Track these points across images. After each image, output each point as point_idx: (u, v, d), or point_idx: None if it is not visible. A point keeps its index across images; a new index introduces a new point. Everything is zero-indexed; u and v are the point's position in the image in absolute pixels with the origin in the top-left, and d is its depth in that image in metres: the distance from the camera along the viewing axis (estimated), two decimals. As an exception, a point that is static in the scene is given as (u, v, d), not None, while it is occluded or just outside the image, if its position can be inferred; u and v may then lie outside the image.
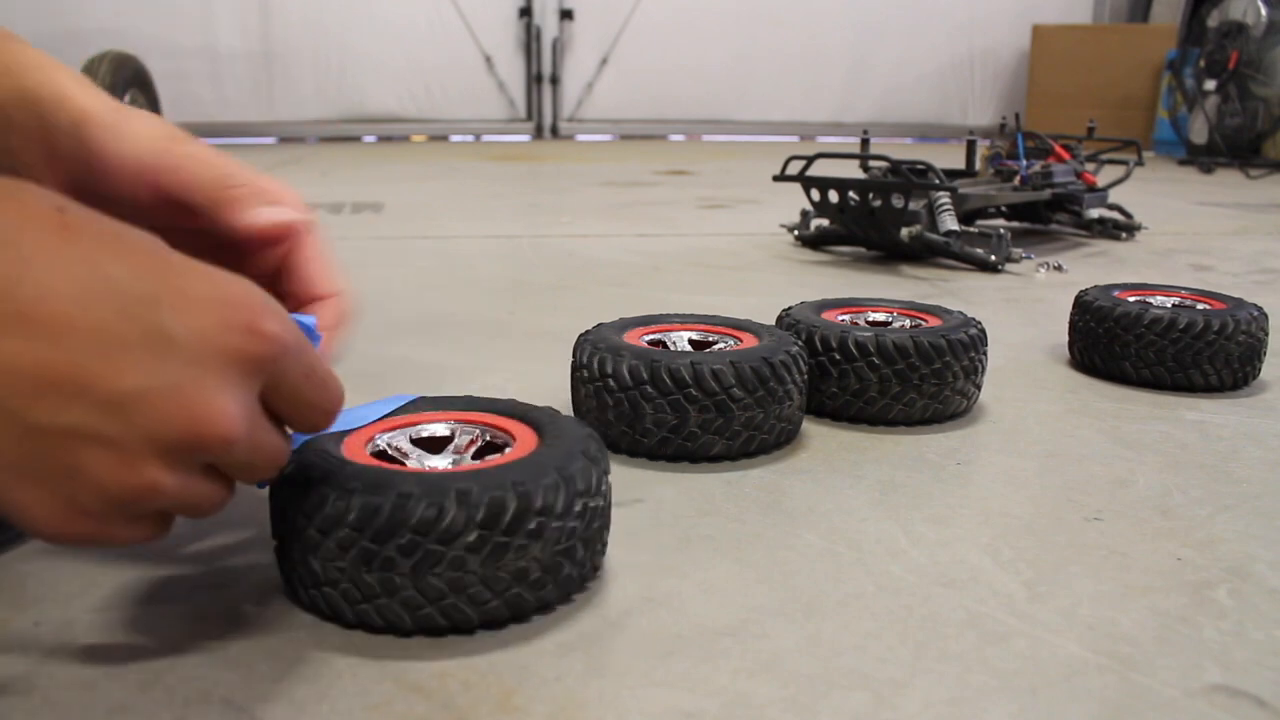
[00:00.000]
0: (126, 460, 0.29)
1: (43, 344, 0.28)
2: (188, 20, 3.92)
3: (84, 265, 0.29)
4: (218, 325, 0.31)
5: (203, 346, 0.30)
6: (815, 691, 0.35)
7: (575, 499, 0.38)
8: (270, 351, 0.32)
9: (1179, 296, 0.80)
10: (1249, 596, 0.42)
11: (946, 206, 1.25)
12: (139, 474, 0.29)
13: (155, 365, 0.29)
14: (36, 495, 0.29)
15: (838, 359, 0.63)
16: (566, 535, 0.38)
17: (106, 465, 0.29)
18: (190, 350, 0.30)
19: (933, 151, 3.02)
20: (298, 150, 3.68)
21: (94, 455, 0.29)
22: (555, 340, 0.72)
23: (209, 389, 0.30)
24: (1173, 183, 2.66)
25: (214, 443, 0.30)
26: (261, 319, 0.32)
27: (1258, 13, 3.20)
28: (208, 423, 0.30)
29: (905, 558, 0.46)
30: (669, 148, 4.05)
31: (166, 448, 0.30)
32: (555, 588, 0.39)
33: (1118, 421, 0.67)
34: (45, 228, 0.29)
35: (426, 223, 1.66)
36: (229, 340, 0.31)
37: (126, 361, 0.29)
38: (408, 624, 0.37)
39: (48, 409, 0.28)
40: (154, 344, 0.29)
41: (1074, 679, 0.36)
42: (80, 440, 0.29)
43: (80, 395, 0.28)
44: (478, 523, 0.36)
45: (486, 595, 0.37)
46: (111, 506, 0.30)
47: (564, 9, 4.30)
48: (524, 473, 0.38)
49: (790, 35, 4.43)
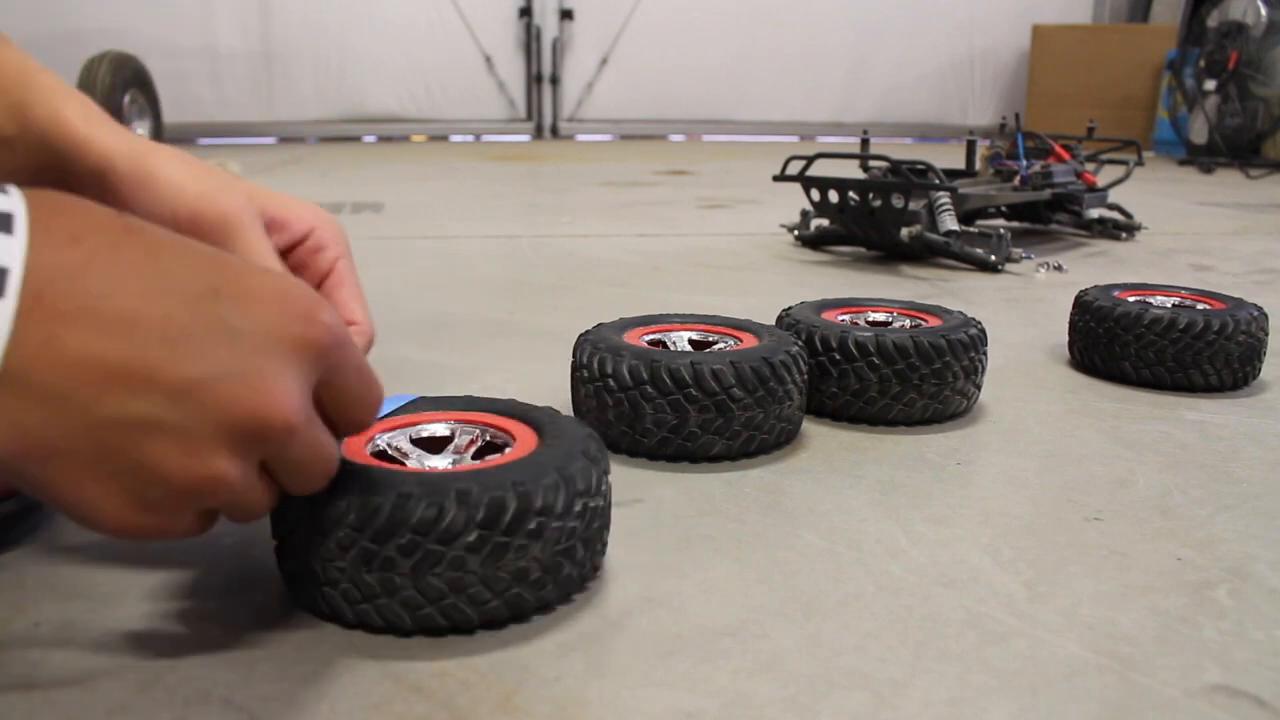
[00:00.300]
0: (193, 450, 0.30)
1: (109, 338, 0.28)
2: (188, 20, 3.92)
3: (147, 262, 0.30)
4: (278, 315, 0.32)
5: (265, 335, 0.31)
6: (815, 691, 0.35)
7: (575, 499, 0.38)
8: (328, 341, 0.33)
9: (1179, 296, 0.80)
10: (1249, 596, 0.42)
11: (946, 206, 1.25)
12: (206, 464, 0.30)
13: (219, 354, 0.30)
14: (104, 489, 0.29)
15: (838, 359, 0.63)
16: (566, 535, 0.38)
17: (174, 457, 0.29)
18: (253, 339, 0.31)
19: (933, 151, 3.02)
20: (298, 150, 3.68)
21: (162, 447, 0.29)
22: (555, 340, 0.72)
23: (271, 375, 0.31)
24: (1173, 183, 2.66)
25: (278, 427, 0.31)
26: (318, 309, 0.33)
27: (1258, 13, 3.20)
28: (272, 407, 0.30)
29: (905, 558, 0.46)
30: (669, 148, 4.05)
31: (232, 435, 0.30)
32: (555, 588, 0.39)
33: (1118, 421, 0.67)
34: (108, 229, 0.30)
35: (426, 223, 1.66)
36: (289, 329, 0.32)
37: (191, 351, 0.30)
38: (408, 624, 0.37)
39: (115, 401, 0.28)
40: (217, 334, 0.30)
41: (1074, 679, 0.36)
42: (148, 431, 0.29)
43: (147, 386, 0.29)
44: (478, 523, 0.36)
45: (486, 595, 0.37)
46: (178, 499, 0.30)
47: (564, 9, 4.30)
48: (524, 473, 0.38)
49: (790, 35, 4.43)
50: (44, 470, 0.29)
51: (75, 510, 0.30)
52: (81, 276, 0.28)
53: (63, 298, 0.28)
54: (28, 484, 0.29)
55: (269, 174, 2.60)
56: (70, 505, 0.30)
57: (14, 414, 0.27)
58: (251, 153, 3.40)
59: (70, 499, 0.29)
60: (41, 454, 0.28)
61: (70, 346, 0.28)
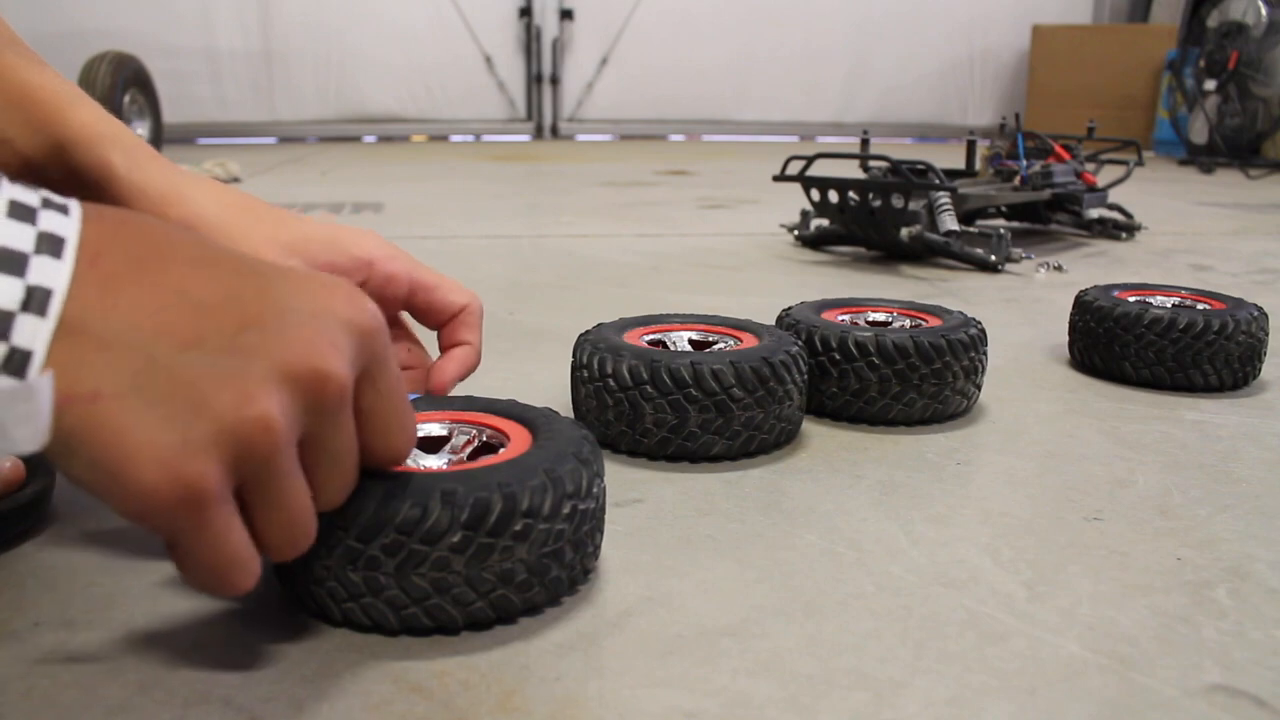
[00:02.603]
0: (247, 389, 0.29)
1: (163, 295, 0.29)
2: (188, 20, 3.92)
3: (203, 246, 0.32)
4: (325, 295, 0.32)
5: (315, 307, 0.32)
6: (815, 691, 0.35)
7: (564, 501, 0.38)
8: (373, 324, 0.33)
9: (1179, 296, 0.80)
10: (1249, 596, 0.42)
11: (946, 206, 1.25)
12: (257, 401, 0.29)
13: (272, 315, 0.31)
14: (149, 428, 0.28)
15: (838, 359, 0.63)
16: (554, 537, 0.38)
17: (227, 391, 0.29)
18: (304, 309, 0.31)
19: (933, 151, 3.02)
20: (298, 150, 3.68)
21: (215, 383, 0.29)
22: (555, 340, 0.72)
23: (325, 334, 0.31)
24: (1173, 183, 2.66)
25: (332, 381, 0.31)
26: (361, 296, 0.34)
27: (1258, 13, 3.20)
28: (328, 359, 0.31)
29: (905, 558, 0.46)
30: (669, 148, 4.05)
31: (286, 381, 0.30)
32: (542, 590, 0.39)
33: (1118, 421, 0.67)
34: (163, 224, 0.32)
35: (427, 223, 1.66)
36: (336, 305, 0.32)
37: (245, 310, 0.30)
38: (393, 623, 0.37)
39: (170, 345, 0.29)
40: (268, 303, 0.31)
41: (1074, 679, 0.36)
42: (203, 371, 0.29)
43: (200, 337, 0.29)
44: (462, 523, 0.35)
45: (471, 596, 0.37)
46: (223, 441, 0.29)
47: (564, 9, 4.30)
48: (511, 474, 0.37)
49: (790, 35, 4.43)
50: (90, 413, 0.27)
51: (111, 457, 0.28)
52: (134, 248, 0.30)
53: (118, 261, 0.29)
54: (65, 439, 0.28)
55: (269, 174, 2.60)
56: (109, 453, 0.28)
57: (68, 358, 0.27)
58: (251, 153, 3.40)
59: (111, 443, 0.28)
60: (89, 395, 0.28)
61: (125, 300, 0.28)
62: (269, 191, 2.15)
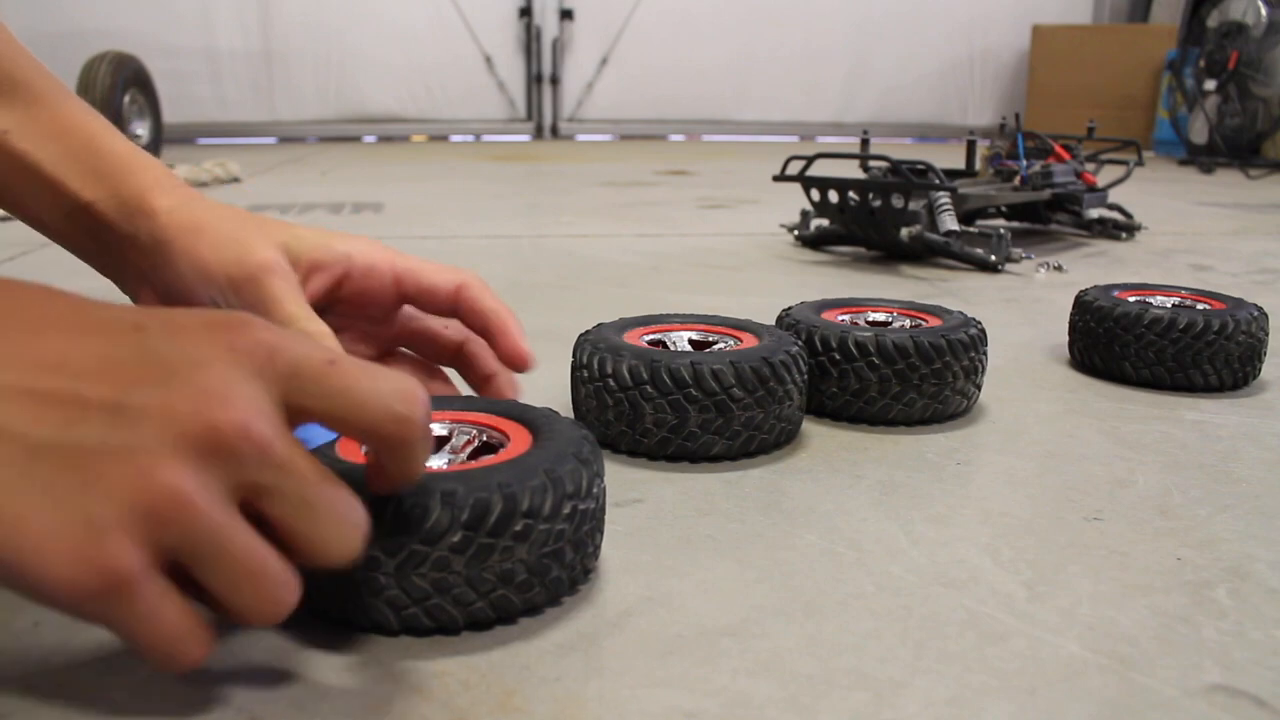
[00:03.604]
0: (142, 463, 0.27)
1: (37, 373, 0.28)
2: (188, 20, 3.92)
3: (73, 306, 0.30)
4: (205, 332, 0.30)
5: (199, 352, 0.29)
6: (815, 691, 0.35)
7: (564, 501, 0.38)
8: (270, 340, 0.31)
9: (1179, 296, 0.80)
10: (1249, 596, 0.42)
11: (946, 206, 1.25)
12: (156, 474, 0.27)
13: (155, 373, 0.29)
14: (47, 520, 0.27)
15: (838, 359, 0.63)
16: (554, 538, 0.38)
17: (121, 469, 0.27)
18: (188, 357, 0.29)
19: (933, 151, 3.02)
20: (298, 150, 3.68)
21: (106, 463, 0.27)
22: (555, 340, 0.72)
23: (216, 381, 0.29)
24: (1173, 183, 2.66)
25: (231, 432, 0.28)
26: (251, 321, 0.31)
27: (1258, 13, 3.20)
28: (220, 410, 0.28)
29: (905, 558, 0.46)
30: (669, 148, 4.06)
31: (183, 446, 0.28)
32: (543, 590, 0.39)
33: (1118, 421, 0.67)
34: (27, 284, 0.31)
35: (427, 223, 1.66)
36: (222, 340, 0.30)
37: (126, 375, 0.28)
38: (393, 624, 0.37)
39: (52, 426, 0.27)
40: (149, 359, 0.29)
41: (1074, 679, 0.36)
42: (90, 451, 0.27)
43: (84, 409, 0.27)
44: (462, 523, 0.35)
45: (471, 596, 0.37)
46: (130, 521, 0.27)
47: (564, 9, 4.30)
48: (511, 474, 0.37)
49: (790, 35, 4.43)
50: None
51: (14, 555, 0.26)
52: (6, 319, 0.28)
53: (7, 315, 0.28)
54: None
55: (269, 174, 2.60)
56: (10, 552, 0.26)
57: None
58: (251, 153, 3.40)
59: (10, 541, 0.26)
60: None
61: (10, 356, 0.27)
62: (269, 191, 2.15)
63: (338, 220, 1.68)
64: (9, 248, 1.32)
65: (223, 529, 0.29)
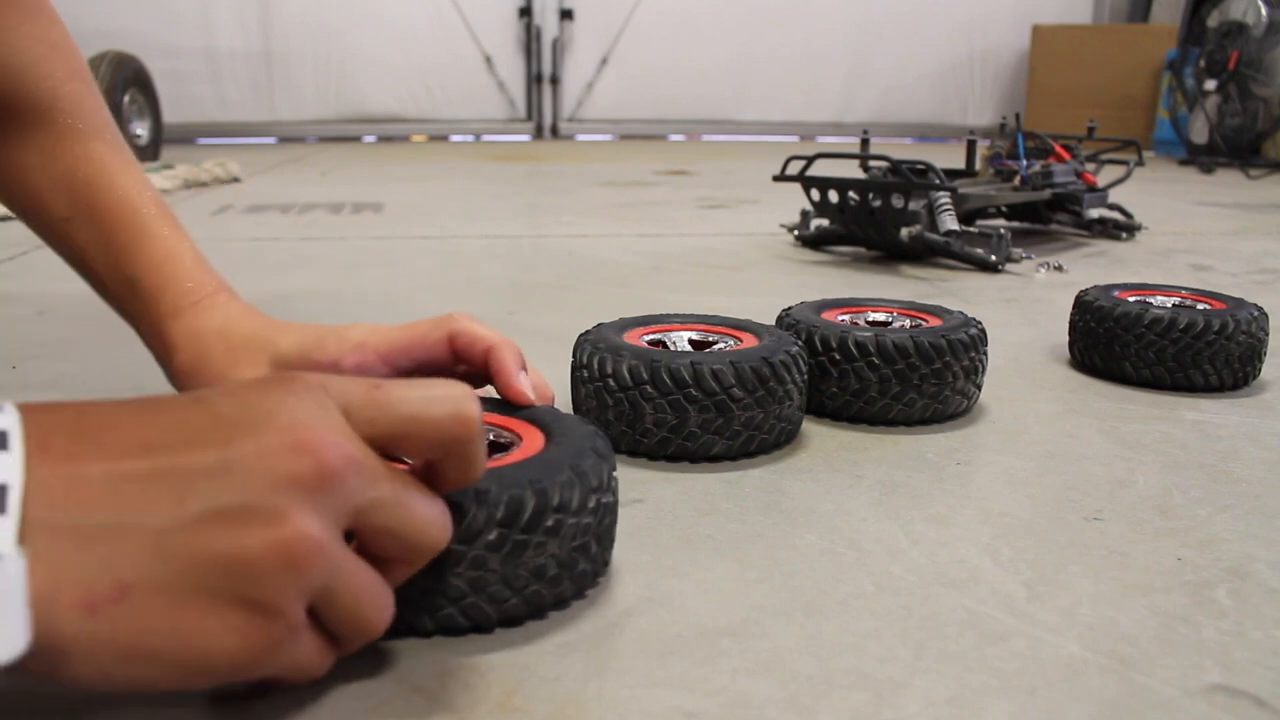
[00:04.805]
0: (266, 518, 0.27)
1: (127, 459, 0.27)
2: (188, 20, 3.92)
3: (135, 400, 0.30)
4: (267, 391, 0.31)
5: (268, 405, 0.30)
6: (815, 691, 0.35)
7: (589, 495, 0.38)
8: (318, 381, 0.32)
9: (1179, 296, 0.80)
10: (1249, 596, 0.42)
11: (946, 206, 1.25)
12: (285, 526, 0.27)
13: (239, 429, 0.29)
14: (201, 612, 0.27)
15: (838, 359, 0.63)
16: (582, 531, 0.38)
17: (251, 533, 0.27)
18: (262, 411, 0.29)
19: (933, 151, 3.02)
20: (298, 150, 3.68)
21: (234, 531, 0.27)
22: (555, 340, 0.72)
23: (302, 422, 0.29)
24: (1173, 183, 2.66)
25: (334, 464, 0.29)
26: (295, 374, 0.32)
27: (1258, 13, 3.20)
28: (318, 446, 0.29)
29: (905, 558, 0.46)
30: (669, 148, 4.05)
31: (294, 489, 0.28)
32: (571, 584, 0.39)
33: (1118, 421, 0.67)
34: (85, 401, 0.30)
35: (427, 223, 1.66)
36: (287, 390, 0.31)
37: (211, 437, 0.28)
38: (428, 626, 0.37)
39: (165, 507, 0.27)
40: (225, 420, 0.29)
41: (1074, 679, 0.36)
42: (212, 521, 0.27)
43: (185, 479, 0.27)
44: (498, 521, 0.36)
45: (506, 593, 0.37)
46: (278, 585, 0.27)
47: (564, 9, 4.30)
48: (539, 470, 0.38)
49: (790, 35, 4.44)
50: (124, 615, 0.26)
51: (181, 654, 0.27)
52: (77, 424, 0.28)
53: (69, 441, 0.27)
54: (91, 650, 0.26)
55: (269, 174, 2.60)
56: (174, 649, 0.27)
57: (61, 559, 0.25)
58: (251, 153, 3.40)
59: (171, 640, 0.26)
60: (112, 593, 0.25)
61: (93, 477, 0.26)
62: (269, 191, 2.15)
63: (338, 220, 1.68)
64: (9, 248, 1.32)
65: (346, 561, 0.30)
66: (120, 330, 0.57)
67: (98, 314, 0.60)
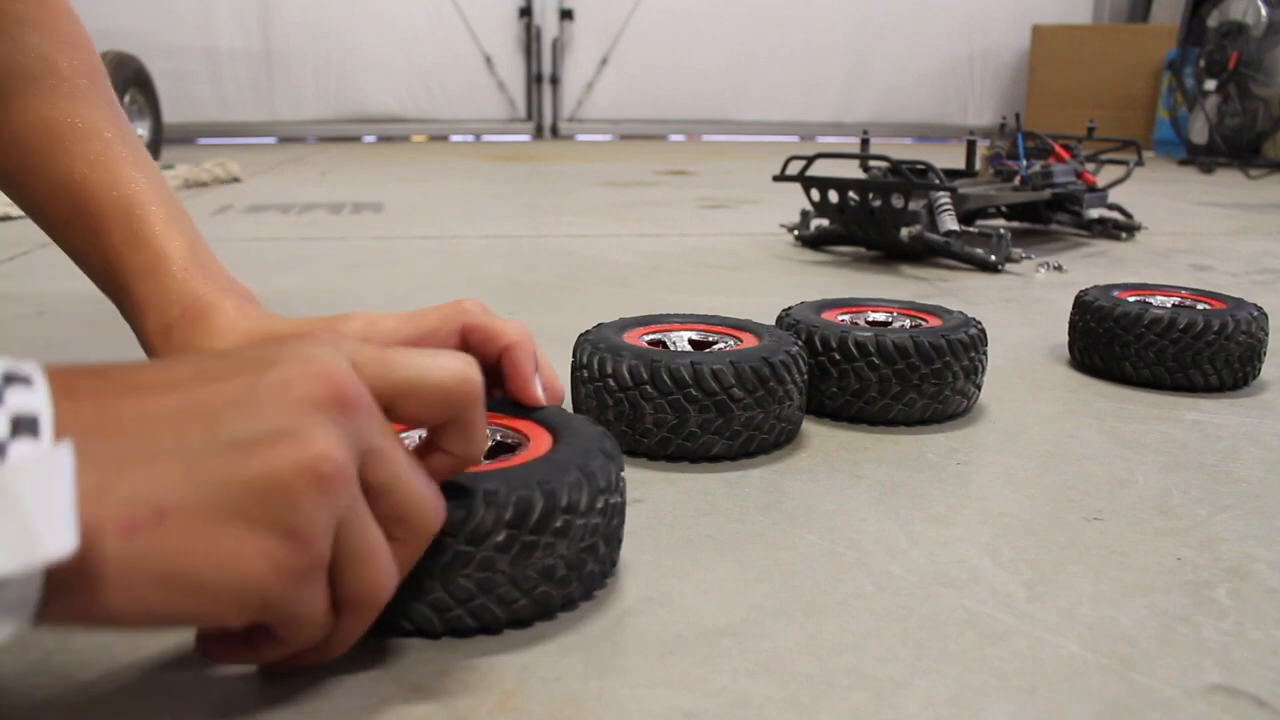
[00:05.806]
0: (291, 438, 0.28)
1: (156, 394, 0.28)
2: (188, 20, 3.92)
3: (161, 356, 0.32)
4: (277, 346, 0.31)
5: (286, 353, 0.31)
6: (815, 691, 0.35)
7: (598, 496, 0.38)
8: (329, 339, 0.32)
9: (1179, 296, 0.80)
10: (1249, 596, 0.43)
11: (946, 206, 1.25)
12: (310, 445, 0.28)
13: (264, 360, 0.30)
14: (236, 536, 0.27)
15: (838, 359, 0.63)
16: (590, 532, 0.38)
17: (279, 454, 0.28)
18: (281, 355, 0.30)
19: (933, 151, 3.02)
20: (298, 150, 3.68)
21: (262, 454, 0.28)
22: (555, 340, 0.72)
23: (320, 356, 0.30)
24: (1173, 183, 2.66)
25: (351, 395, 0.30)
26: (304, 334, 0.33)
27: (1258, 13, 3.20)
28: (336, 375, 0.30)
29: (905, 558, 0.46)
30: (669, 148, 4.05)
31: (316, 409, 0.29)
32: (579, 585, 0.39)
33: (1118, 421, 0.67)
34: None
35: (427, 223, 1.66)
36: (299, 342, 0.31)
37: (236, 368, 0.30)
38: (437, 627, 0.37)
39: (195, 434, 0.28)
40: (248, 359, 0.30)
41: (1074, 679, 0.36)
42: (241, 447, 0.27)
43: (212, 412, 0.28)
44: (506, 522, 0.36)
45: (515, 595, 0.37)
46: (308, 506, 0.28)
47: (564, 9, 4.30)
48: (547, 471, 0.38)
49: (790, 35, 4.43)
50: (162, 538, 0.26)
51: (217, 579, 0.27)
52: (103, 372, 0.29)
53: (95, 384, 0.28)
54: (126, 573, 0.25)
55: (269, 174, 2.60)
56: (210, 573, 0.27)
57: (96, 484, 0.25)
58: (251, 153, 3.40)
59: (207, 563, 0.27)
60: (152, 515, 0.26)
61: (122, 411, 0.27)
62: (269, 191, 2.15)
63: (338, 220, 1.68)
64: (9, 248, 1.32)
65: (360, 502, 0.30)
66: (120, 330, 0.57)
67: (98, 314, 0.60)
